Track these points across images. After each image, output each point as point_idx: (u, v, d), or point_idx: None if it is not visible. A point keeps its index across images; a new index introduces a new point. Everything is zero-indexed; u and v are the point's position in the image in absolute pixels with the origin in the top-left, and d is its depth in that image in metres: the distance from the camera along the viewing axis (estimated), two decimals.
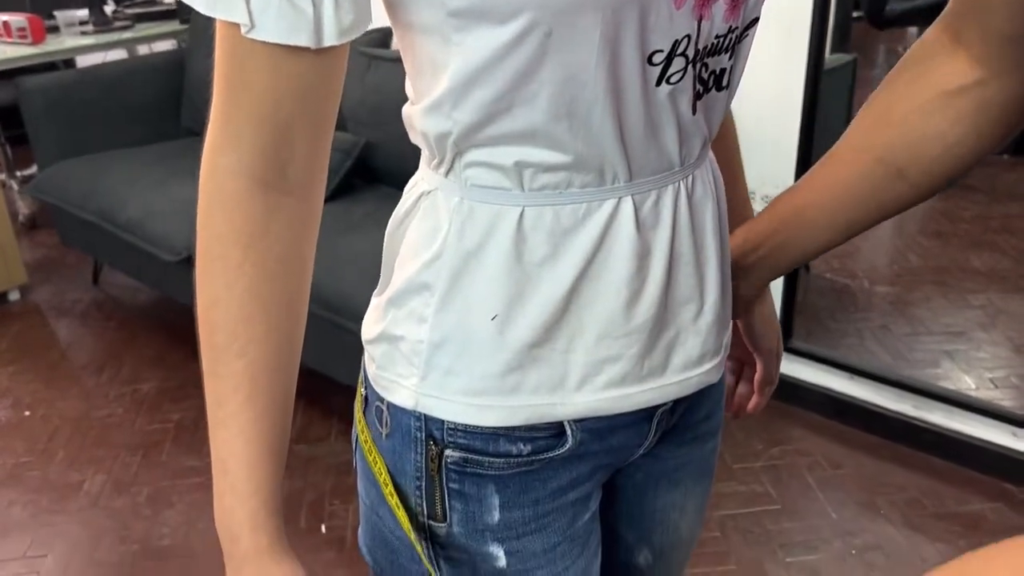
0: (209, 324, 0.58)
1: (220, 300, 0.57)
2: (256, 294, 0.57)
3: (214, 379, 0.59)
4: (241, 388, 0.58)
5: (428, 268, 0.62)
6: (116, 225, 2.49)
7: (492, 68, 0.53)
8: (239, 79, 0.54)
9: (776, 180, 2.10)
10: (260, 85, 0.53)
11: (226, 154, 0.55)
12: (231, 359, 0.58)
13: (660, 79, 0.56)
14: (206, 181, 0.57)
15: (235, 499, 0.59)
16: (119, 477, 2.13)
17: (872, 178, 0.69)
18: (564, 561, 0.70)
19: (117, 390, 2.48)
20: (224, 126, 0.55)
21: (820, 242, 0.74)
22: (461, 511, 0.66)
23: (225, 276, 0.57)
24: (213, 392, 0.59)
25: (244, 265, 0.57)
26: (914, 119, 0.66)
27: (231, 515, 0.59)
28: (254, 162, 0.55)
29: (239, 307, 0.57)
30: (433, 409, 0.64)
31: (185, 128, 3.07)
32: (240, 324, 0.57)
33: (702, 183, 0.65)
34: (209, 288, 0.58)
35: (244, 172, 0.55)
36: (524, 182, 0.59)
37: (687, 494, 0.81)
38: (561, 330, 0.62)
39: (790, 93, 2.02)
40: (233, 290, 0.57)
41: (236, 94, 0.54)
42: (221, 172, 0.56)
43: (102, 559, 1.87)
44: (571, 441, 0.65)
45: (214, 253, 0.57)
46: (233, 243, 0.56)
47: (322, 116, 0.57)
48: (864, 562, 1.78)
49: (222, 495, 0.60)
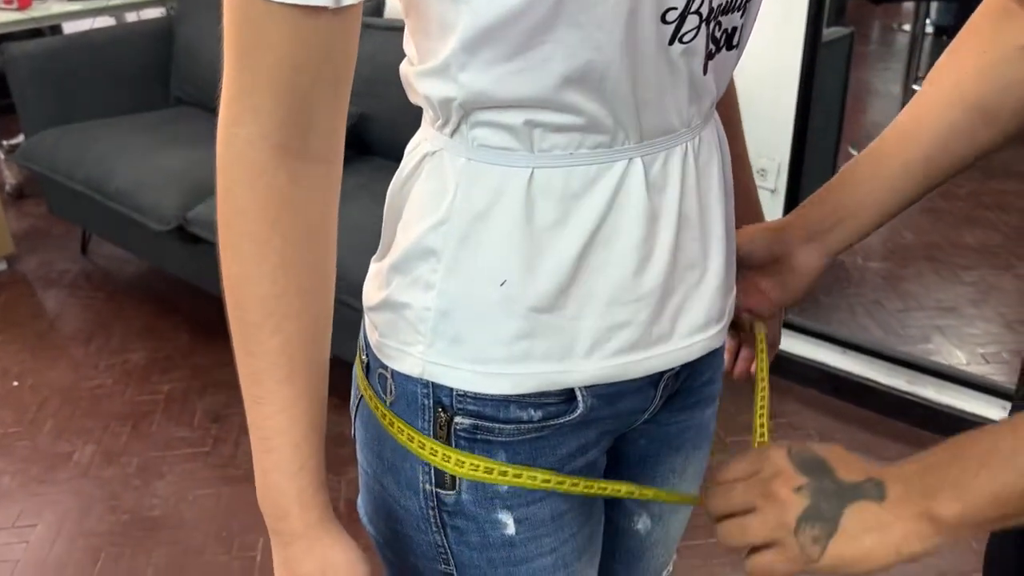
0: (240, 302, 0.57)
1: (251, 277, 0.56)
2: (288, 268, 0.56)
3: (250, 357, 0.58)
4: (279, 366, 0.57)
5: (434, 232, 0.61)
6: (104, 195, 2.46)
7: (504, 27, 0.51)
8: (255, 45, 0.51)
9: (772, 152, 2.09)
10: (279, 50, 0.51)
11: (245, 124, 0.53)
12: (266, 337, 0.57)
13: (673, 38, 0.55)
14: (225, 153, 0.54)
15: (282, 476, 0.59)
16: (109, 447, 2.12)
17: (962, 126, 0.71)
18: (571, 527, 0.70)
19: (106, 361, 2.47)
20: (241, 95, 0.53)
21: (902, 196, 0.73)
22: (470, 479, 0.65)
23: (254, 252, 0.55)
24: (249, 370, 0.58)
25: (273, 239, 0.55)
26: (1001, 68, 0.70)
27: (279, 492, 0.59)
28: (275, 131, 0.53)
29: (271, 283, 0.56)
30: (441, 377, 0.62)
31: (175, 97, 3.03)
32: (273, 301, 0.56)
33: (708, 144, 0.64)
34: (237, 265, 0.56)
35: (265, 142, 0.53)
36: (534, 143, 0.57)
37: (687, 459, 0.80)
38: (571, 296, 0.61)
39: (787, 66, 2.00)
40: (264, 266, 0.55)
41: (253, 61, 0.52)
42: (241, 143, 0.53)
43: (92, 529, 1.87)
44: (582, 407, 0.65)
45: (240, 229, 0.55)
46: (259, 217, 0.54)
47: (341, 80, 0.55)
48: None
49: (267, 472, 0.59)
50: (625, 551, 0.84)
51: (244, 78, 0.52)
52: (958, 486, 0.53)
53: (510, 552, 0.67)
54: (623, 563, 0.85)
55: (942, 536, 0.54)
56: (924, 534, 0.54)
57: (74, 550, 1.81)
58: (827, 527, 0.55)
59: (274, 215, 0.55)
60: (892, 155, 0.73)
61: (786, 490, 0.57)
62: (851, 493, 0.56)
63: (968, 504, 0.53)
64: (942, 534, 0.54)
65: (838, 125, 2.59)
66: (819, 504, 0.56)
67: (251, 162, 0.53)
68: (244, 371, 0.58)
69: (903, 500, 0.55)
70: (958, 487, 0.53)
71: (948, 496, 0.53)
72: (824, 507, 0.56)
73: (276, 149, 0.53)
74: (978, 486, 0.52)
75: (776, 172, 2.10)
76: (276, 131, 0.53)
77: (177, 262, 2.45)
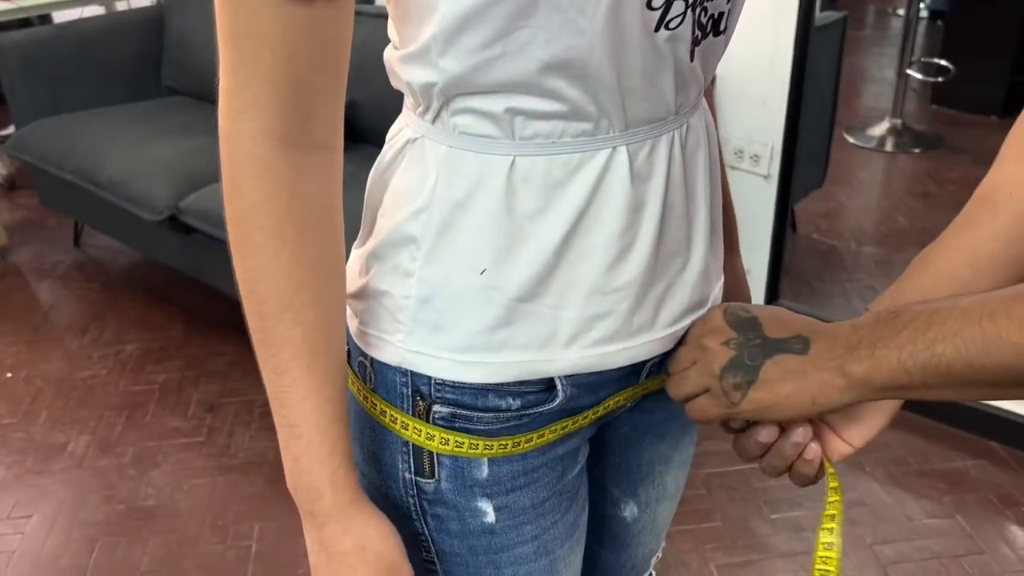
0: (257, 295, 0.57)
1: (267, 270, 0.56)
2: (302, 258, 0.56)
3: (270, 348, 0.58)
4: (301, 355, 0.58)
5: (414, 219, 0.60)
6: (96, 185, 2.44)
7: (484, 11, 0.51)
8: (251, 38, 0.51)
9: (765, 138, 2.08)
10: (274, 42, 0.51)
11: (246, 118, 0.53)
12: (286, 327, 0.57)
13: (659, 24, 0.54)
14: (229, 148, 0.54)
15: (313, 460, 0.60)
16: (104, 438, 2.12)
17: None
18: (553, 515, 0.70)
19: (100, 351, 2.46)
20: (240, 88, 0.53)
21: None
22: (450, 467, 0.65)
23: (268, 245, 0.55)
24: (271, 361, 0.58)
25: (285, 231, 0.55)
26: None
27: (311, 476, 0.60)
28: (277, 123, 0.53)
29: (287, 275, 0.56)
30: (420, 366, 0.62)
31: (166, 86, 3.02)
32: (291, 292, 0.56)
33: (695, 131, 0.63)
34: (252, 259, 0.56)
35: (268, 134, 0.53)
36: (515, 130, 0.57)
37: (673, 447, 0.80)
38: (551, 286, 0.60)
39: (780, 50, 1.99)
40: (279, 258, 0.55)
41: (249, 54, 0.51)
42: (244, 137, 0.53)
43: (87, 519, 1.87)
44: (561, 396, 0.64)
45: (252, 224, 0.55)
46: (269, 210, 0.55)
47: (338, 67, 0.55)
48: (848, 518, 1.80)
49: (297, 458, 0.60)
50: (612, 538, 0.84)
51: (241, 72, 0.52)
52: (875, 345, 0.55)
53: (491, 540, 0.67)
54: (610, 550, 0.85)
55: (853, 393, 0.56)
56: (838, 386, 0.57)
57: (70, 541, 1.81)
58: (748, 375, 0.60)
59: (284, 207, 0.55)
60: None
61: (716, 343, 0.62)
62: (775, 347, 0.60)
63: (877, 365, 0.54)
64: (853, 390, 0.56)
65: (832, 110, 2.59)
66: (743, 355, 0.61)
67: (256, 156, 0.53)
68: (266, 363, 0.59)
69: (824, 354, 0.58)
70: (874, 347, 0.55)
71: (863, 354, 0.55)
72: (747, 358, 0.61)
73: (280, 141, 0.53)
74: (891, 351, 0.54)
75: (769, 157, 2.10)
76: (278, 123, 0.53)
77: (170, 252, 2.44)
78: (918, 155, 3.51)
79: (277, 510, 1.85)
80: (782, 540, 1.75)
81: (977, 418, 1.99)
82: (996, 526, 1.76)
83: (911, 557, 1.70)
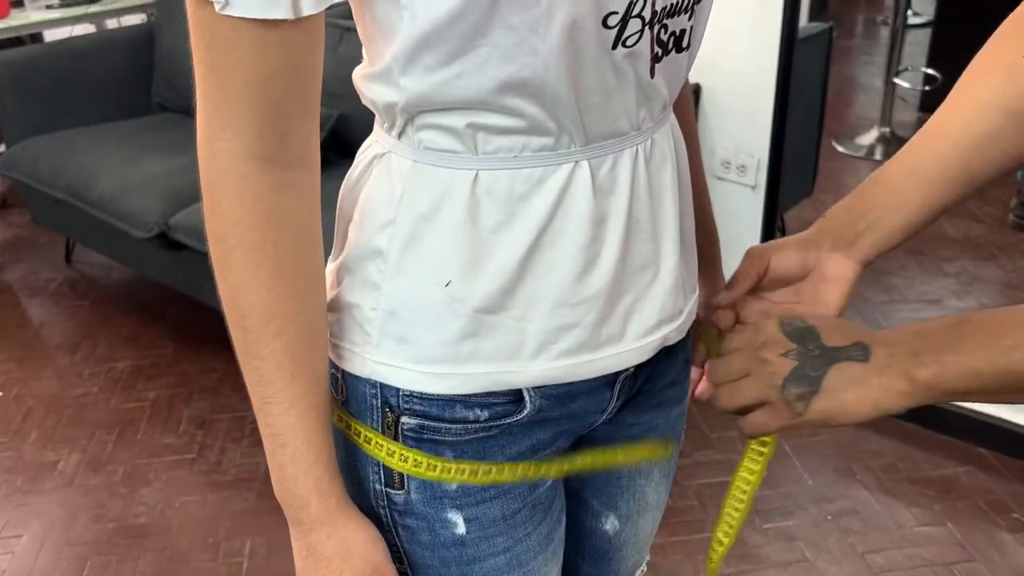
0: (239, 309, 0.58)
1: (248, 285, 0.57)
2: (282, 273, 0.57)
3: (253, 360, 0.59)
4: (284, 366, 0.59)
5: (381, 232, 0.62)
6: (87, 202, 2.45)
7: (441, 31, 0.52)
8: (224, 61, 0.52)
9: (751, 149, 2.09)
10: (247, 64, 0.52)
11: (224, 139, 0.54)
12: (269, 340, 0.58)
13: (616, 42, 0.55)
14: (208, 169, 0.56)
15: (298, 469, 0.61)
16: (94, 456, 2.11)
17: (996, 130, 0.68)
18: (525, 527, 0.70)
19: (91, 369, 2.46)
20: (215, 111, 0.54)
21: (938, 202, 0.69)
22: (419, 478, 0.65)
23: (249, 261, 0.57)
24: (255, 373, 0.59)
25: (265, 247, 0.56)
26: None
27: (297, 483, 0.61)
28: (254, 142, 0.54)
29: (268, 289, 0.57)
30: (387, 377, 0.63)
31: (156, 103, 3.02)
32: (272, 305, 0.58)
33: (660, 146, 0.64)
34: (233, 274, 0.57)
35: (246, 153, 0.54)
36: (478, 145, 0.58)
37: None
38: (516, 298, 0.61)
39: (764, 62, 2.00)
40: (260, 273, 0.57)
41: (223, 76, 0.53)
42: (223, 157, 0.55)
43: (77, 538, 1.86)
44: (529, 407, 0.65)
45: (232, 241, 0.56)
46: (250, 227, 0.56)
47: (311, 86, 0.56)
48: (840, 527, 1.80)
49: (283, 466, 0.61)
50: (593, 551, 0.84)
51: (218, 93, 0.54)
52: (941, 351, 0.56)
53: (461, 551, 0.68)
54: (593, 564, 0.85)
55: (916, 397, 0.57)
56: (900, 390, 0.58)
57: (60, 560, 1.81)
58: (811, 386, 0.60)
59: (264, 224, 0.56)
60: (925, 155, 0.69)
61: (775, 355, 0.62)
62: (836, 355, 0.60)
63: (945, 369, 0.56)
64: (917, 394, 0.57)
65: (820, 119, 2.60)
66: (804, 366, 0.61)
67: (236, 175, 0.55)
68: (250, 375, 0.60)
69: (886, 360, 0.58)
70: (941, 351, 0.56)
71: (929, 359, 0.56)
72: (809, 368, 0.61)
73: (258, 160, 0.55)
74: (960, 356, 0.55)
75: (756, 168, 2.11)
76: (255, 142, 0.54)
77: (161, 269, 2.44)
78: None
79: (269, 526, 1.85)
80: (774, 550, 1.75)
81: (967, 425, 2.00)
82: (987, 533, 1.76)
83: (902, 565, 1.70)
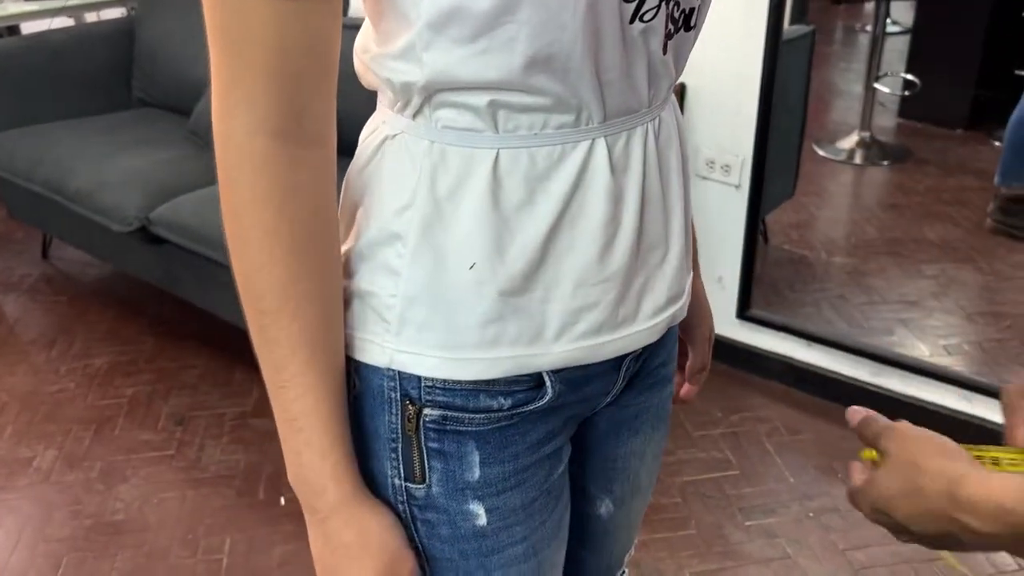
0: (254, 291, 0.57)
1: (264, 266, 0.56)
2: (299, 253, 0.56)
3: (271, 344, 0.58)
4: (300, 349, 0.58)
5: (399, 217, 0.60)
6: (65, 196, 2.41)
7: (467, 4, 0.52)
8: (242, 34, 0.52)
9: (736, 148, 2.10)
10: (267, 38, 0.51)
11: (241, 114, 0.53)
12: (286, 322, 0.57)
13: (634, 16, 0.55)
14: (224, 145, 0.55)
15: (314, 455, 0.60)
16: (71, 452, 2.08)
17: None
18: (541, 515, 0.69)
19: (68, 365, 2.42)
20: (233, 86, 0.53)
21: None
22: (441, 470, 0.64)
23: (265, 240, 0.56)
24: (271, 358, 0.58)
25: (282, 226, 0.55)
26: None
27: (312, 470, 0.60)
28: (271, 118, 0.54)
29: (285, 269, 0.56)
30: (408, 366, 0.62)
31: (136, 98, 2.99)
32: (289, 286, 0.57)
33: (667, 125, 0.64)
34: (249, 256, 0.56)
35: (263, 130, 0.54)
36: (499, 123, 0.57)
37: (646, 441, 0.81)
38: (539, 278, 0.61)
39: (749, 63, 2.02)
40: (275, 253, 0.56)
41: (242, 50, 0.52)
42: (240, 133, 0.54)
43: (53, 535, 1.83)
44: (551, 392, 0.64)
45: (248, 220, 0.55)
46: (266, 206, 0.55)
47: (329, 61, 0.56)
48: (821, 524, 1.81)
49: (298, 452, 0.60)
50: (589, 536, 0.84)
51: (234, 69, 0.53)
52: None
53: (481, 543, 0.67)
54: (588, 549, 0.85)
55: None
56: None
57: (35, 556, 1.78)
58: None
59: (279, 202, 0.55)
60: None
61: None
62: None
63: None
64: None
65: (802, 122, 2.62)
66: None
67: (252, 152, 0.54)
68: (266, 359, 0.59)
69: None
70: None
71: None
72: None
73: (274, 136, 0.54)
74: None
75: (740, 168, 2.12)
76: (272, 118, 0.54)
77: (140, 264, 2.41)
78: (886, 167, 3.56)
79: (248, 523, 1.83)
80: (756, 547, 1.76)
81: (945, 425, 2.02)
82: None
83: (884, 562, 1.71)
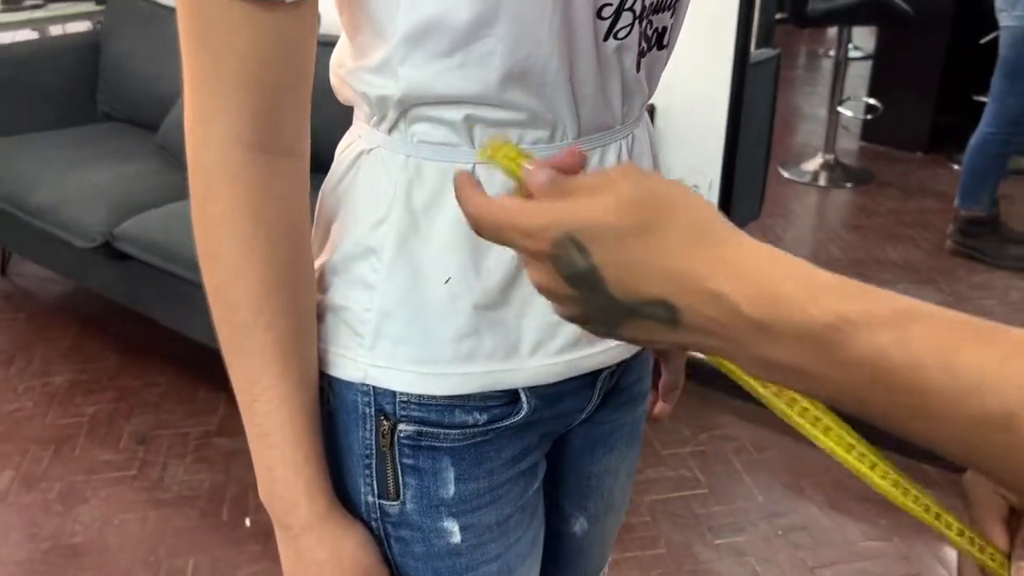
0: (227, 303, 0.56)
1: (239, 275, 0.56)
2: (273, 264, 0.56)
3: (241, 357, 0.57)
4: (274, 362, 0.57)
5: (374, 231, 0.60)
6: (26, 211, 2.37)
7: (444, 18, 0.52)
8: (218, 44, 0.51)
9: (704, 169, 2.13)
10: (243, 47, 0.51)
11: (216, 123, 0.53)
12: (258, 335, 0.56)
13: (608, 34, 0.56)
14: (199, 154, 0.54)
15: (287, 469, 0.59)
16: (28, 472, 2.03)
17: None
18: (516, 532, 0.69)
19: (27, 383, 2.37)
20: (209, 94, 0.53)
21: None
22: (415, 487, 0.63)
23: (240, 251, 0.55)
24: (242, 370, 0.58)
25: (257, 236, 0.55)
26: None
27: (285, 485, 0.59)
28: (247, 128, 0.53)
29: (259, 281, 0.56)
30: (383, 381, 0.61)
31: (102, 112, 2.95)
32: (263, 299, 0.56)
33: (640, 142, 0.65)
34: (222, 267, 0.56)
35: (239, 139, 0.53)
36: (474, 138, 0.57)
37: (621, 458, 0.80)
38: (515, 293, 0.60)
39: (717, 85, 2.05)
40: (251, 262, 0.55)
41: (218, 59, 0.52)
42: (216, 143, 0.53)
43: (8, 557, 1.78)
44: (526, 408, 0.64)
45: (223, 231, 0.55)
46: (241, 216, 0.54)
47: (304, 72, 0.55)
48: (789, 542, 1.82)
49: (271, 468, 0.59)
50: (563, 554, 0.83)
51: (211, 78, 0.53)
52: None
53: (455, 561, 0.66)
54: (562, 567, 0.84)
55: None
56: None
57: None
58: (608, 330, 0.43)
59: (255, 212, 0.55)
60: None
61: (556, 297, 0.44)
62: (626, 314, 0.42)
63: None
64: None
65: (767, 144, 2.66)
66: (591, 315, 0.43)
67: (227, 161, 0.54)
68: (238, 372, 0.58)
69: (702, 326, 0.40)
70: None
71: None
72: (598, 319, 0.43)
73: (251, 145, 0.54)
74: None
75: (708, 188, 2.15)
76: (248, 128, 0.53)
77: (103, 281, 2.37)
78: (850, 189, 3.62)
79: (212, 543, 1.79)
80: (726, 565, 1.76)
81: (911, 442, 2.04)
82: (930, 547, 1.79)
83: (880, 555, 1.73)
